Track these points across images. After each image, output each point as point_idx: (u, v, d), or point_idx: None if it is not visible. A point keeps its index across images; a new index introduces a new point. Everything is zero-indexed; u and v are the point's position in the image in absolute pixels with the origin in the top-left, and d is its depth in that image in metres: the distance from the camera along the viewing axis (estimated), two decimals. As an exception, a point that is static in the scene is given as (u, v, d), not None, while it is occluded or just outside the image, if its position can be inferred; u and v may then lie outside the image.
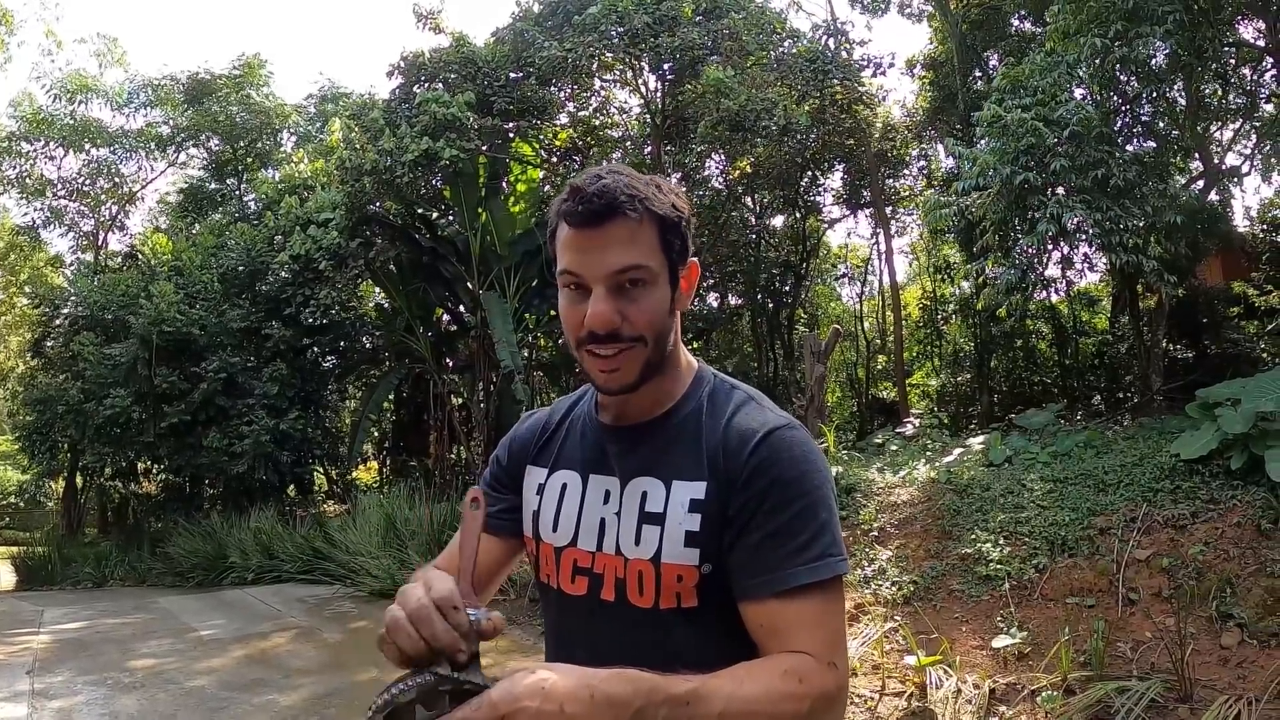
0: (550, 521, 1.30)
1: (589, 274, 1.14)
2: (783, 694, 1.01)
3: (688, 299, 1.25)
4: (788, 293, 16.91)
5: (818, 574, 1.09)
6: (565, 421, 1.38)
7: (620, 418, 1.27)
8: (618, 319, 1.14)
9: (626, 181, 1.15)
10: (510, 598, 7.80)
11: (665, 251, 1.17)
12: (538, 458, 1.37)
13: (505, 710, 0.84)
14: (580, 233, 1.14)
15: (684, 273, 1.23)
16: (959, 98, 11.67)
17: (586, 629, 1.25)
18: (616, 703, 0.90)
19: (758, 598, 1.11)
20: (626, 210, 1.12)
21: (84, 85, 18.93)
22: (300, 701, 5.59)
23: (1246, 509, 5.22)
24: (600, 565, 1.23)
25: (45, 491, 20.98)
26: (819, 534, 1.11)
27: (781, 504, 1.12)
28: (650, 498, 1.20)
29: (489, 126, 11.79)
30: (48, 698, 5.68)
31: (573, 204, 1.14)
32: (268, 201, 15.70)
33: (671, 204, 1.18)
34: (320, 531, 11.23)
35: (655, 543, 1.17)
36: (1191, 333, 11.83)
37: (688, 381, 1.28)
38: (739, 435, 1.18)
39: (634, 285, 1.15)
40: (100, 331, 14.13)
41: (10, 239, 20.90)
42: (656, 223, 1.16)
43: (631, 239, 1.14)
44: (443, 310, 15.51)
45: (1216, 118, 10.43)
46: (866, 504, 7.07)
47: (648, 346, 1.17)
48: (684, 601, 1.16)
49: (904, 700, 4.70)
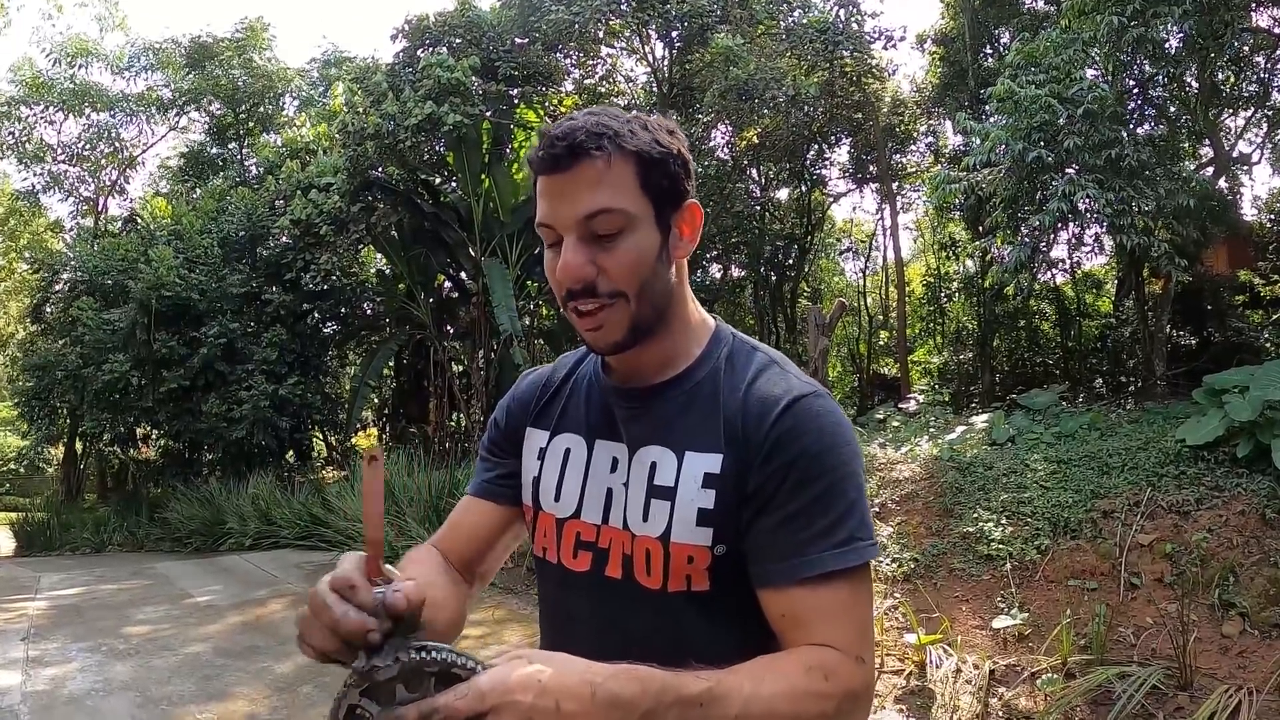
0: (552, 490, 1.19)
1: (558, 222, 1.04)
2: (806, 692, 0.92)
3: (689, 244, 1.11)
4: (791, 266, 16.83)
5: (845, 560, 0.99)
6: (569, 380, 1.26)
7: (629, 378, 1.16)
8: (591, 270, 1.03)
9: (597, 120, 1.03)
10: (508, 566, 7.78)
11: (646, 191, 1.04)
12: (538, 419, 1.25)
13: (494, 702, 0.75)
14: (548, 179, 1.04)
15: (678, 216, 1.09)
16: (969, 74, 11.51)
17: (588, 608, 1.14)
18: (621, 703, 0.80)
19: (779, 585, 1.00)
20: (590, 149, 1.00)
21: (84, 49, 18.77)
22: (295, 669, 5.57)
23: (1251, 498, 5.18)
24: (606, 539, 1.12)
25: (45, 457, 21.03)
26: (847, 515, 1.01)
27: (806, 481, 1.01)
28: (660, 469, 1.09)
29: (493, 92, 11.66)
30: (42, 665, 5.68)
31: (538, 150, 1.04)
32: (269, 166, 15.58)
33: (654, 139, 1.05)
34: (318, 498, 11.25)
35: (665, 520, 1.06)
36: (1196, 320, 11.79)
37: (703, 341, 1.16)
38: (760, 403, 1.06)
39: (609, 233, 1.02)
40: (99, 297, 14.07)
41: (10, 204, 20.83)
42: (632, 160, 1.03)
43: (599, 180, 1.01)
44: (444, 276, 15.45)
45: (1229, 104, 10.30)
46: (868, 479, 7.01)
47: (630, 302, 1.04)
48: (694, 585, 1.06)
49: (903, 679, 4.69)
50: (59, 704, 4.90)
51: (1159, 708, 4.00)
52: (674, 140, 1.09)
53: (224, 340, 13.08)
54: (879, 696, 4.58)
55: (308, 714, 4.68)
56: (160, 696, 5.02)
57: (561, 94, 13.88)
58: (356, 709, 0.79)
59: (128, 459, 16.00)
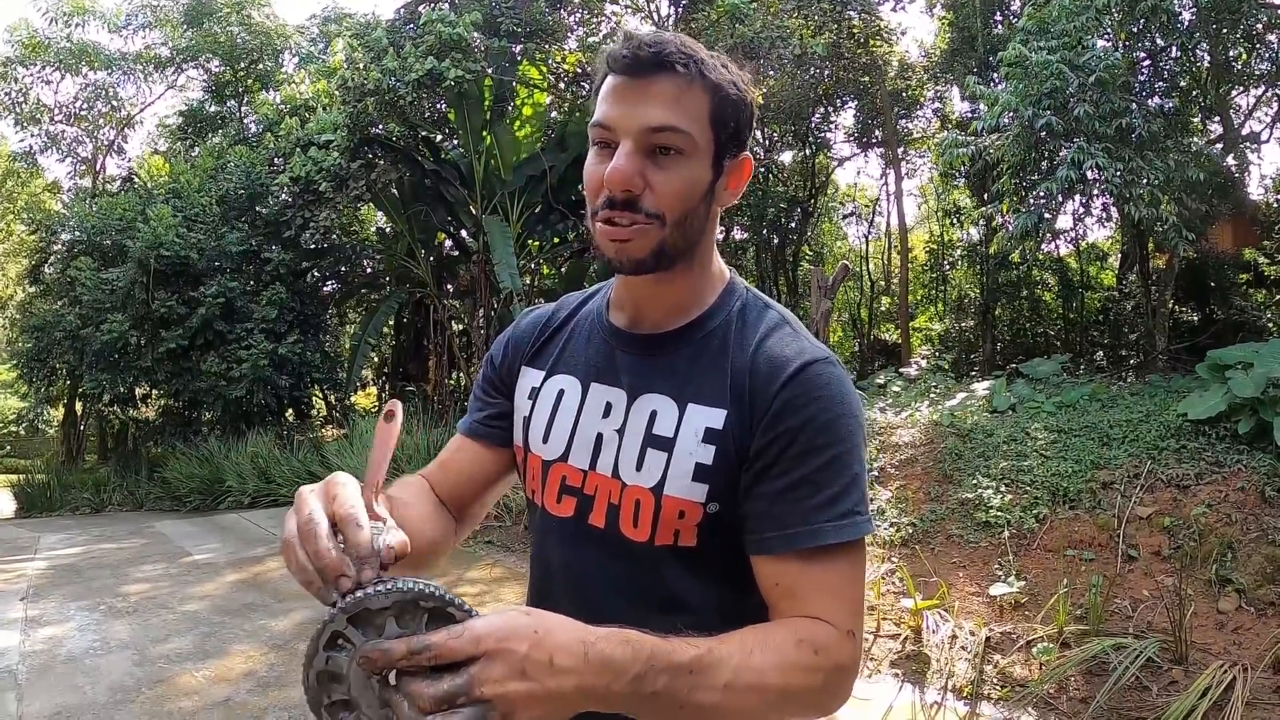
0: (541, 431, 1.15)
1: (620, 125, 0.99)
2: (796, 665, 0.89)
3: (732, 196, 1.08)
4: (794, 229, 16.74)
5: (844, 534, 0.96)
6: (571, 320, 1.23)
7: (636, 322, 1.13)
8: (639, 182, 0.99)
9: (685, 41, 1.01)
10: (505, 524, 7.82)
11: (714, 127, 1.02)
12: (534, 358, 1.22)
13: (488, 648, 0.71)
14: (622, 80, 1.00)
15: (732, 164, 1.06)
16: (979, 39, 11.32)
17: (570, 554, 1.12)
18: (612, 665, 0.77)
19: (775, 553, 0.98)
20: (678, 64, 0.98)
21: (81, 7, 18.52)
22: (291, 626, 5.61)
23: (1251, 474, 5.16)
24: (591, 486, 1.10)
25: (44, 419, 21.09)
26: (849, 488, 0.98)
27: (812, 449, 0.98)
28: (660, 418, 1.06)
29: (495, 48, 11.50)
30: (40, 624, 5.70)
31: (620, 48, 1.00)
32: (268, 123, 15.43)
33: (733, 81, 1.03)
34: (318, 455, 11.29)
35: (660, 471, 1.04)
36: (1198, 296, 11.75)
37: (718, 290, 1.13)
38: (770, 363, 1.03)
39: (667, 152, 0.99)
40: (98, 257, 13.98)
41: (7, 166, 20.68)
42: (710, 91, 1.01)
43: (676, 99, 0.99)
44: (444, 235, 15.34)
45: (1240, 81, 10.11)
46: (867, 444, 6.99)
47: (664, 227, 1.01)
48: (682, 540, 1.03)
49: (899, 643, 4.71)
50: (57, 663, 4.93)
51: (1153, 680, 4.01)
52: (749, 90, 1.06)
53: (223, 299, 13.02)
54: (875, 660, 4.61)
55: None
56: (158, 655, 5.05)
57: (564, 51, 13.70)
58: (340, 636, 0.74)
59: (127, 419, 16.00)
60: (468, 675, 0.70)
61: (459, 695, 0.69)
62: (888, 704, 4.16)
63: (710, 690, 0.83)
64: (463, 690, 0.69)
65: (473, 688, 0.70)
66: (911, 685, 4.33)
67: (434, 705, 0.69)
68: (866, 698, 4.23)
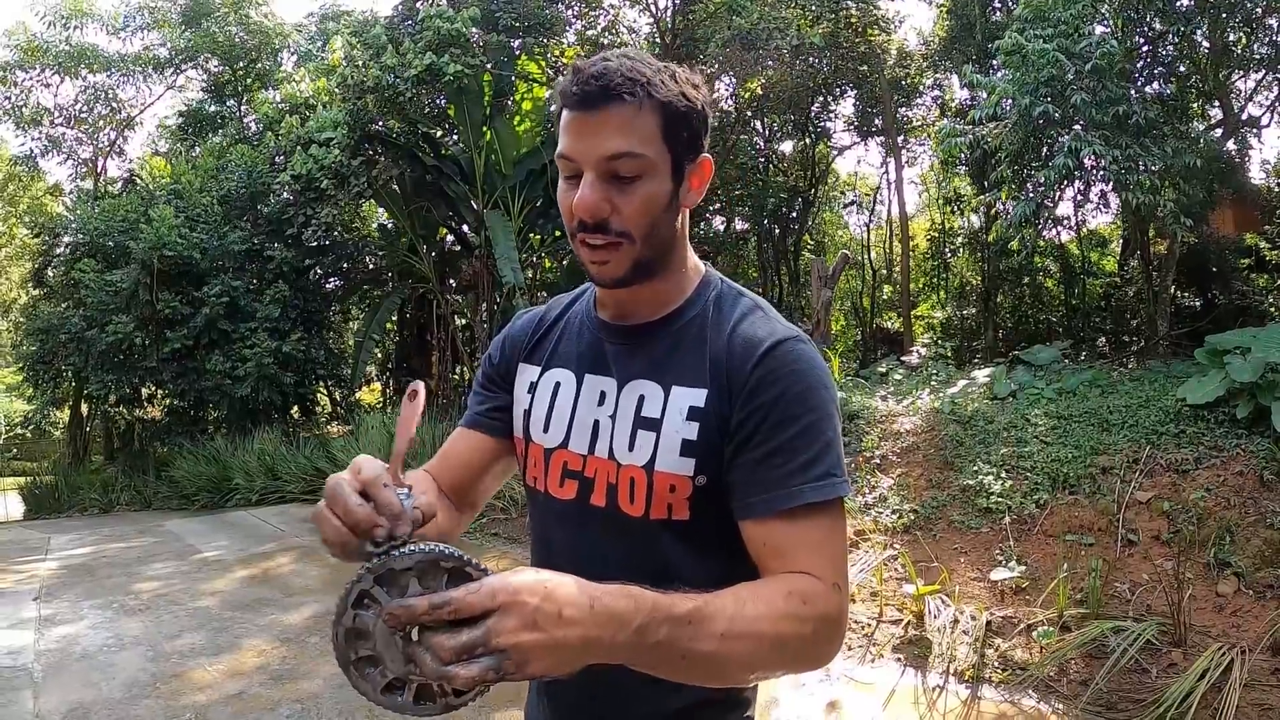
0: (541, 421, 1.25)
1: (581, 157, 1.08)
2: (786, 614, 0.96)
3: (696, 196, 1.17)
4: (795, 219, 16.77)
5: (822, 493, 1.04)
6: (562, 319, 1.32)
7: (620, 317, 1.22)
8: (606, 208, 1.07)
9: (631, 65, 1.07)
10: (512, 516, 7.88)
11: (668, 141, 1.09)
12: (530, 355, 1.32)
13: (503, 600, 0.78)
14: (576, 115, 1.07)
15: (692, 168, 1.14)
16: (977, 28, 11.32)
17: (573, 535, 1.21)
18: (617, 616, 0.84)
19: (759, 516, 1.06)
20: (624, 94, 1.05)
21: (79, 10, 18.48)
22: (303, 620, 5.67)
23: (1249, 458, 5.21)
24: (591, 469, 1.18)
25: (50, 421, 21.09)
26: (824, 452, 1.06)
27: (787, 419, 1.06)
28: (647, 402, 1.15)
29: (494, 43, 11.52)
30: (54, 624, 5.75)
31: (569, 84, 1.08)
32: (268, 122, 15.40)
33: (681, 92, 1.10)
34: (324, 452, 11.32)
35: (650, 449, 1.13)
36: (1200, 281, 11.76)
37: (694, 284, 1.22)
38: (744, 343, 1.12)
39: (627, 175, 1.07)
40: (101, 258, 13.97)
41: (8, 169, 20.64)
42: (659, 110, 1.07)
43: (628, 125, 1.06)
44: (446, 230, 15.37)
45: (1239, 66, 10.08)
46: (869, 431, 7.07)
47: (635, 243, 1.10)
48: (675, 513, 1.12)
49: (901, 628, 4.76)
50: (72, 661, 4.99)
51: (1152, 663, 4.06)
52: (699, 94, 1.13)
53: (226, 298, 13.06)
54: (878, 645, 4.66)
55: (317, 664, 4.77)
56: (171, 650, 5.12)
57: (563, 45, 13.71)
58: (367, 595, 0.82)
59: (133, 419, 16.02)
60: (484, 627, 0.77)
61: (477, 645, 0.76)
62: (890, 688, 4.22)
63: (708, 639, 0.90)
64: (480, 641, 0.76)
65: (489, 638, 0.76)
66: (914, 669, 4.38)
67: (454, 655, 0.76)
68: (870, 682, 4.29)
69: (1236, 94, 10.56)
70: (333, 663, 0.85)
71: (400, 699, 0.83)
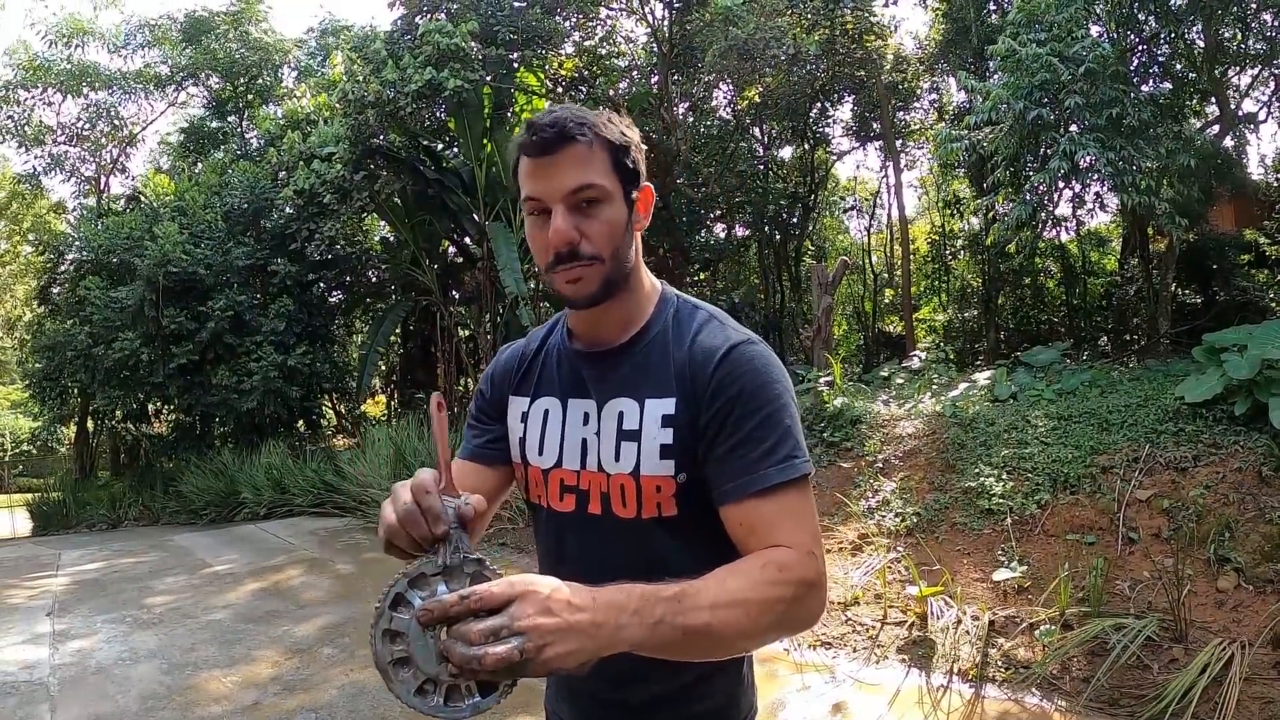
0: (536, 445, 1.39)
1: (548, 195, 1.22)
2: (764, 581, 1.07)
3: (644, 220, 1.32)
4: (795, 224, 16.80)
5: (786, 474, 1.17)
6: (541, 350, 1.46)
7: (592, 343, 1.35)
8: (576, 235, 1.21)
9: (576, 112, 1.22)
10: (519, 526, 7.94)
11: (617, 172, 1.24)
12: (518, 388, 1.45)
13: (520, 589, 0.90)
14: (537, 161, 1.22)
15: (638, 195, 1.29)
16: (972, 31, 11.38)
17: (575, 542, 1.35)
18: (616, 603, 0.96)
19: (734, 500, 1.18)
20: (577, 136, 1.20)
21: (80, 28, 18.62)
22: (314, 631, 5.73)
23: (1248, 455, 5.25)
24: (585, 482, 1.32)
25: (57, 437, 21.18)
26: (784, 438, 1.19)
27: (747, 414, 1.20)
28: (626, 416, 1.28)
29: (493, 56, 11.60)
30: (68, 638, 5.79)
31: (528, 136, 1.22)
32: (270, 138, 15.53)
33: (621, 131, 1.26)
34: (330, 465, 11.37)
35: (634, 457, 1.26)
36: (1201, 278, 11.76)
37: (653, 302, 1.36)
38: (704, 352, 1.26)
39: (590, 204, 1.22)
40: (106, 275, 14.07)
41: (12, 188, 20.75)
42: (607, 147, 1.23)
43: (585, 161, 1.21)
44: (449, 242, 15.45)
45: (1235, 62, 10.11)
46: (871, 436, 7.12)
47: (605, 263, 1.24)
48: (664, 511, 1.26)
49: (905, 630, 4.81)
50: (88, 674, 5.05)
51: (1153, 659, 4.11)
52: (632, 133, 1.30)
53: (231, 313, 13.13)
54: (882, 646, 4.71)
55: (329, 673, 4.83)
56: (185, 663, 5.18)
57: (561, 56, 13.80)
58: (402, 599, 0.96)
59: (140, 435, 16.09)
60: (507, 613, 0.88)
61: (502, 628, 0.87)
62: (895, 688, 4.27)
63: (700, 611, 1.01)
64: (504, 624, 0.87)
65: (512, 621, 0.87)
66: (918, 670, 4.44)
67: (481, 637, 0.86)
68: (875, 683, 4.34)
69: (1233, 90, 10.61)
70: (346, 673, 0.98)
71: (432, 701, 0.93)
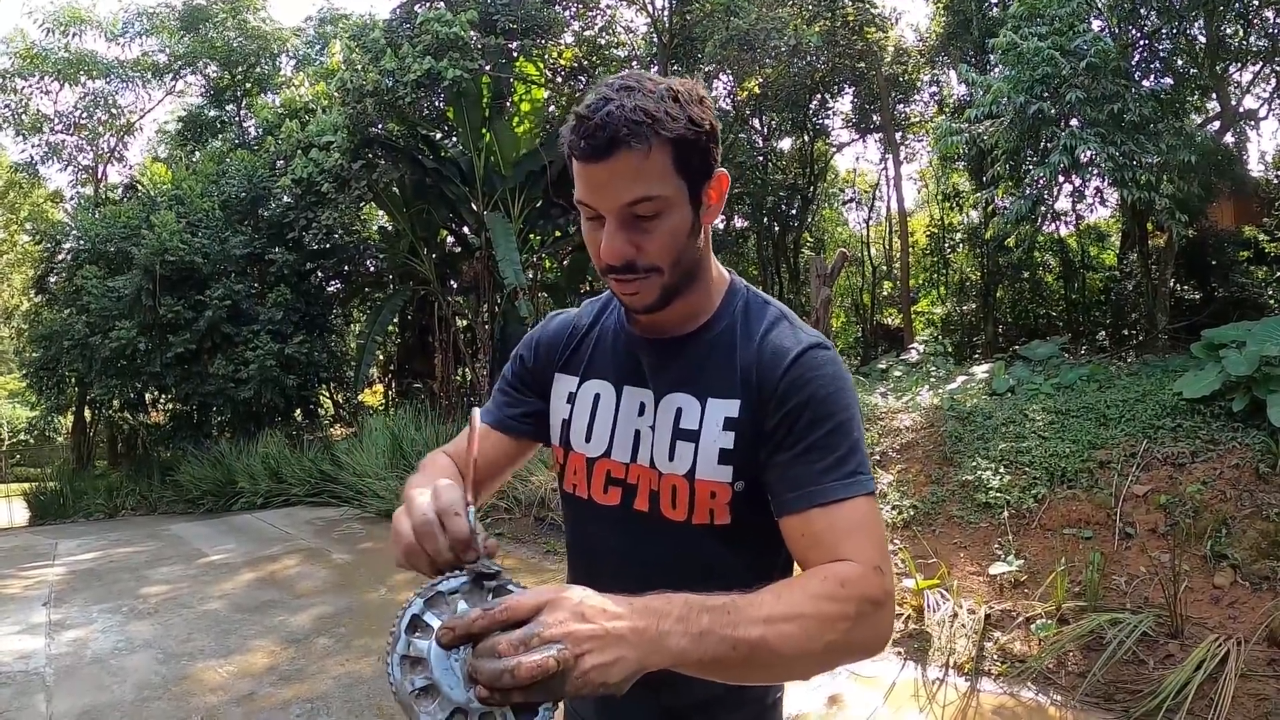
0: (583, 432, 1.30)
1: (600, 206, 1.10)
2: (824, 595, 0.98)
3: (717, 210, 1.19)
4: (794, 216, 16.81)
5: (853, 490, 1.09)
6: (594, 328, 1.36)
7: (654, 330, 1.26)
8: (631, 250, 1.10)
9: (634, 105, 1.04)
10: (515, 516, 7.93)
11: (682, 173, 1.09)
12: (566, 365, 1.35)
13: (550, 597, 0.82)
14: (586, 167, 1.08)
15: (710, 186, 1.15)
16: (973, 23, 11.35)
17: (616, 538, 1.27)
18: (655, 610, 0.87)
19: (797, 510, 1.10)
20: (631, 143, 1.04)
21: (77, 17, 18.57)
22: (311, 621, 5.73)
23: (1245, 451, 5.24)
24: (634, 476, 1.25)
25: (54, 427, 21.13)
26: (852, 452, 1.11)
27: (816, 421, 1.12)
28: (685, 414, 1.20)
29: (492, 45, 11.56)
30: (64, 628, 5.79)
31: (576, 137, 1.07)
32: (268, 127, 15.48)
33: (688, 119, 1.08)
34: (328, 455, 11.39)
35: (690, 459, 1.19)
36: (1200, 274, 11.75)
37: (721, 294, 1.26)
38: (773, 353, 1.18)
39: (647, 216, 1.09)
40: (103, 264, 14.05)
41: (9, 177, 20.73)
42: (669, 146, 1.07)
43: (640, 170, 1.06)
44: (447, 232, 15.45)
45: (1236, 59, 10.07)
46: (869, 428, 7.10)
47: (664, 275, 1.13)
48: (717, 518, 1.18)
49: (901, 622, 4.80)
50: (83, 664, 5.04)
51: (1149, 654, 4.11)
52: (705, 113, 1.12)
53: (229, 302, 13.13)
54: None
55: (324, 664, 4.83)
56: (181, 653, 5.17)
57: (561, 46, 13.75)
58: (419, 621, 0.85)
59: (137, 424, 16.08)
60: (538, 621, 0.80)
61: (532, 637, 0.78)
62: (891, 681, 4.27)
63: (752, 624, 0.91)
64: (534, 633, 0.78)
65: (543, 630, 0.79)
66: (914, 663, 4.44)
67: (512, 648, 0.77)
68: (871, 676, 4.34)
69: (1234, 87, 10.59)
70: (341, 663, 0.91)
71: None
